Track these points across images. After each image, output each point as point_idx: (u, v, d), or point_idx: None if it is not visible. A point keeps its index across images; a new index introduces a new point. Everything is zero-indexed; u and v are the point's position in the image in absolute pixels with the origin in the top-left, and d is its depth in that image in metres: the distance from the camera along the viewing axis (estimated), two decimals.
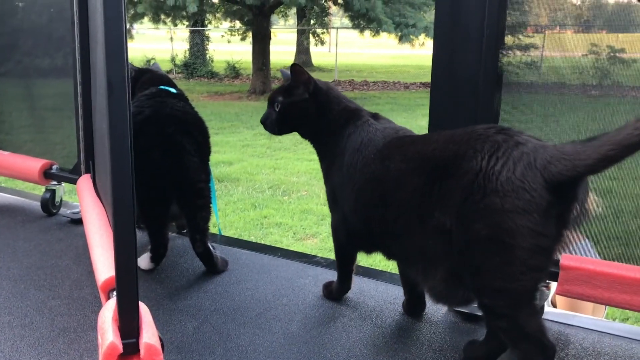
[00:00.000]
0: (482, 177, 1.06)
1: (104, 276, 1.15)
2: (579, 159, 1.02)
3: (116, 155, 0.93)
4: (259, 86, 14.63)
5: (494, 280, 1.07)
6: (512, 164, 1.05)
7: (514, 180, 1.04)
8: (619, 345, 1.36)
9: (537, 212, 1.03)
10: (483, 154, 1.08)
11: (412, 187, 1.18)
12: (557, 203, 1.04)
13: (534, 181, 1.03)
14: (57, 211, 2.25)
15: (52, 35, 2.32)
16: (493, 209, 1.04)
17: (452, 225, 1.10)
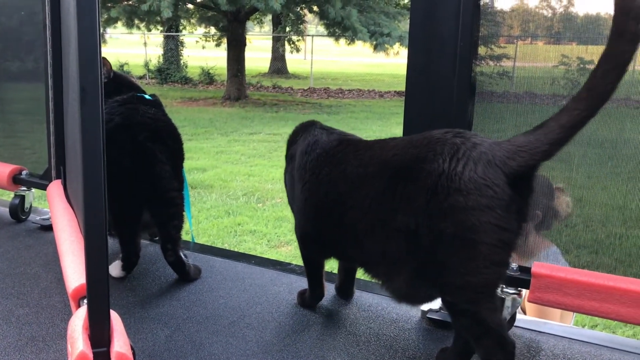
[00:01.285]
0: (444, 178, 1.10)
1: (74, 284, 1.13)
2: (533, 148, 1.08)
3: (88, 162, 0.92)
4: (233, 92, 14.59)
5: (457, 276, 1.11)
6: (473, 164, 1.09)
7: (477, 178, 1.08)
8: (588, 351, 1.38)
9: (499, 208, 1.07)
10: (444, 157, 1.12)
11: (372, 191, 1.21)
12: (517, 197, 1.09)
13: (495, 178, 1.08)
14: (26, 217, 2.21)
15: (23, 39, 2.28)
16: (457, 207, 1.08)
17: (417, 226, 1.13)
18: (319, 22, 16.28)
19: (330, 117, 12.12)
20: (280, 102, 14.47)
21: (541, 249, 1.54)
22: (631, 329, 3.57)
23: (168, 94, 15.21)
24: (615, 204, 1.37)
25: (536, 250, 1.55)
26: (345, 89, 17.37)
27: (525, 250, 1.52)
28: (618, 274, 1.32)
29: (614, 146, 1.37)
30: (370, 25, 13.72)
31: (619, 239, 1.38)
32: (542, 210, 1.47)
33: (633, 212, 1.36)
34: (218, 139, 9.58)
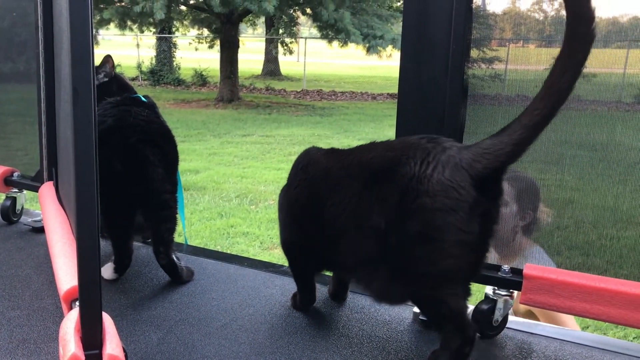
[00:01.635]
0: (415, 180, 1.16)
1: (66, 286, 1.13)
2: (497, 150, 1.13)
3: (81, 163, 0.91)
4: (226, 94, 14.58)
5: (419, 265, 1.18)
6: (442, 167, 1.14)
7: (444, 181, 1.13)
8: (579, 353, 1.39)
9: (463, 210, 1.12)
10: (415, 160, 1.18)
11: (351, 191, 1.26)
12: (484, 199, 1.14)
13: (462, 180, 1.13)
14: (17, 219, 2.20)
15: (15, 40, 2.27)
16: (424, 208, 1.14)
17: (387, 225, 1.18)
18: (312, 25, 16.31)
19: (323, 119, 12.13)
20: (273, 104, 14.47)
21: (526, 248, 1.57)
22: (622, 330, 3.59)
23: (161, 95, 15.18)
24: (607, 206, 1.38)
25: (521, 249, 1.57)
26: (338, 91, 17.40)
27: (512, 250, 1.54)
28: (609, 276, 1.33)
29: (605, 149, 1.38)
30: (363, 27, 13.76)
31: (610, 241, 1.39)
32: (534, 211, 1.49)
33: (624, 213, 1.37)
34: (211, 141, 9.57)
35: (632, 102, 1.40)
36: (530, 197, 1.48)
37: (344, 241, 1.29)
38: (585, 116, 1.43)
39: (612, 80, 1.41)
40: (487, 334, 1.44)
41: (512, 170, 1.48)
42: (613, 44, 1.42)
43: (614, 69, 1.40)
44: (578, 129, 1.41)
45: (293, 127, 11.03)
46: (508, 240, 1.56)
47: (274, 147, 9.02)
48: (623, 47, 1.39)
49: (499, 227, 1.26)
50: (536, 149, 1.42)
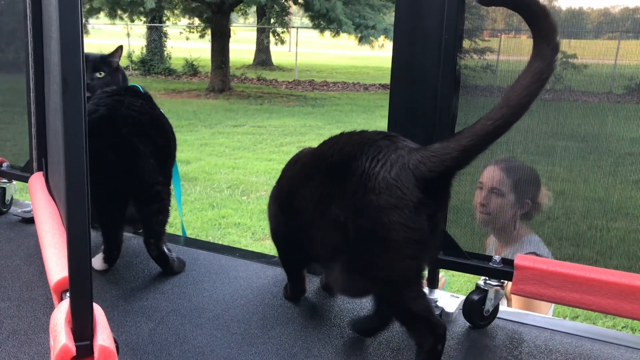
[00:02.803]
0: (364, 176, 1.18)
1: (56, 277, 1.12)
2: (444, 154, 1.14)
3: (70, 153, 0.91)
4: (217, 84, 14.52)
5: (378, 270, 1.20)
6: (389, 166, 1.16)
7: (389, 179, 1.15)
8: (569, 342, 1.40)
9: (407, 208, 1.14)
10: (367, 156, 1.20)
11: (315, 183, 1.29)
12: (429, 200, 1.15)
13: (406, 180, 1.15)
14: (7, 210, 2.19)
15: (3, 29, 2.25)
16: (371, 205, 1.16)
17: (346, 219, 1.20)
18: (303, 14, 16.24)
19: (315, 110, 12.11)
20: (265, 94, 14.42)
21: (523, 235, 1.58)
22: (611, 320, 3.63)
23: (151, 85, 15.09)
24: (597, 197, 1.39)
25: (519, 237, 1.59)
26: (330, 81, 17.37)
27: (510, 238, 1.56)
28: (599, 266, 1.34)
29: (596, 140, 1.39)
30: (355, 17, 13.72)
31: (600, 232, 1.39)
32: (531, 199, 1.50)
33: (614, 205, 1.38)
34: (202, 131, 9.54)
35: (622, 93, 1.41)
36: (528, 186, 1.49)
37: (313, 232, 1.32)
38: (577, 107, 1.44)
39: (603, 71, 1.41)
40: (478, 324, 1.45)
41: (510, 160, 1.49)
42: (604, 35, 1.42)
43: (605, 60, 1.41)
44: (569, 121, 1.42)
45: (285, 117, 11.01)
46: (507, 228, 1.58)
47: (266, 138, 9.00)
48: (614, 38, 1.40)
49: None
50: (528, 140, 1.43)
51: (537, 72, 1.08)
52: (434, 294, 1.54)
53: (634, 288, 1.24)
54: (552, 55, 1.08)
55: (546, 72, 1.08)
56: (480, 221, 1.61)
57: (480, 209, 1.61)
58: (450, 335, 1.42)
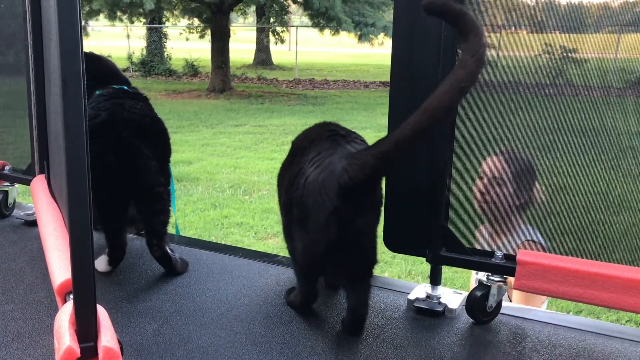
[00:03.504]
0: (300, 173, 1.30)
1: (60, 279, 1.12)
2: (363, 163, 1.18)
3: (71, 155, 0.91)
4: (218, 84, 14.53)
5: (297, 254, 1.36)
6: (320, 170, 1.25)
7: (316, 184, 1.24)
8: (573, 337, 1.40)
9: (323, 214, 1.23)
10: (309, 155, 1.31)
11: (286, 172, 1.41)
12: (348, 207, 1.22)
13: (329, 187, 1.21)
14: (10, 213, 2.19)
15: (3, 32, 2.25)
16: (299, 201, 1.28)
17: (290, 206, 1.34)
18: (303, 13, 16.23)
19: (316, 108, 12.11)
20: (266, 94, 14.43)
21: (518, 225, 1.61)
22: (615, 314, 3.63)
23: (152, 86, 15.10)
24: (599, 191, 1.39)
25: (514, 227, 1.60)
26: (331, 79, 17.37)
27: (505, 227, 1.58)
28: (602, 260, 1.34)
29: (597, 134, 1.39)
30: (354, 15, 13.72)
31: (602, 226, 1.39)
32: (530, 190, 1.51)
33: (616, 198, 1.38)
34: (203, 132, 9.54)
35: (623, 87, 1.40)
36: (527, 178, 1.50)
37: (282, 216, 1.45)
38: (577, 102, 1.44)
39: (603, 65, 1.41)
40: (481, 319, 1.45)
41: (510, 151, 1.50)
42: (604, 29, 1.42)
43: (605, 54, 1.41)
44: (570, 115, 1.42)
45: (286, 116, 11.01)
46: (505, 217, 1.58)
47: (267, 137, 9.00)
48: (614, 32, 1.39)
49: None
50: (529, 135, 1.43)
51: (457, 81, 1.12)
52: (436, 290, 1.54)
53: (637, 282, 1.24)
54: (475, 67, 1.12)
55: (467, 82, 1.12)
56: (479, 210, 1.62)
57: (480, 197, 1.63)
58: (454, 331, 1.42)
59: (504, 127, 1.44)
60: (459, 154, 1.46)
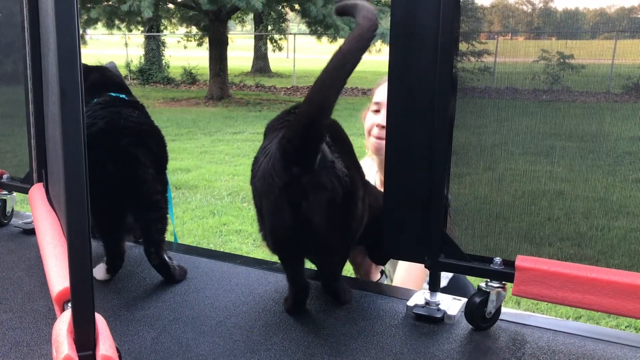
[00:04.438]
0: (256, 161, 1.43)
1: (58, 287, 1.12)
2: (291, 126, 1.31)
3: (69, 164, 0.91)
4: (216, 92, 14.55)
5: (269, 242, 1.46)
6: (269, 156, 1.35)
7: (265, 168, 1.34)
8: (572, 342, 1.40)
9: (274, 193, 1.32)
10: (263, 144, 1.46)
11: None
12: (296, 182, 1.31)
13: (275, 167, 1.31)
14: (8, 222, 2.19)
15: (1, 41, 2.25)
16: (256, 188, 1.42)
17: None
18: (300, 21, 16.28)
19: None
20: (264, 101, 14.45)
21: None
22: (614, 320, 3.63)
23: (150, 94, 15.12)
24: (597, 197, 1.39)
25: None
26: None
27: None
28: (600, 266, 1.34)
29: (594, 140, 1.39)
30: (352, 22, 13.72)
31: (601, 231, 1.39)
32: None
33: (614, 204, 1.38)
34: (202, 139, 9.55)
35: (620, 92, 1.41)
36: None
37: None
38: (575, 107, 1.44)
39: (600, 71, 1.42)
40: (480, 326, 1.45)
41: None
42: (601, 35, 1.43)
43: (602, 60, 1.41)
44: (567, 121, 1.42)
45: None
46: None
47: None
48: (611, 38, 1.40)
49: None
50: (527, 141, 1.43)
51: (357, 35, 1.28)
52: (435, 296, 1.54)
53: (636, 287, 1.24)
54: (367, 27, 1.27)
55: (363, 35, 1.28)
56: (374, 149, 1.64)
57: (378, 133, 1.63)
58: (453, 337, 1.42)
59: (501, 133, 1.45)
60: (457, 160, 1.46)
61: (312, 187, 1.31)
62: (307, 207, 1.31)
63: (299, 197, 1.30)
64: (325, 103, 1.27)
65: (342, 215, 1.40)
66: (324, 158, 1.34)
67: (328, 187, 1.34)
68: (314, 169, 1.31)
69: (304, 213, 1.31)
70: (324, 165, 1.34)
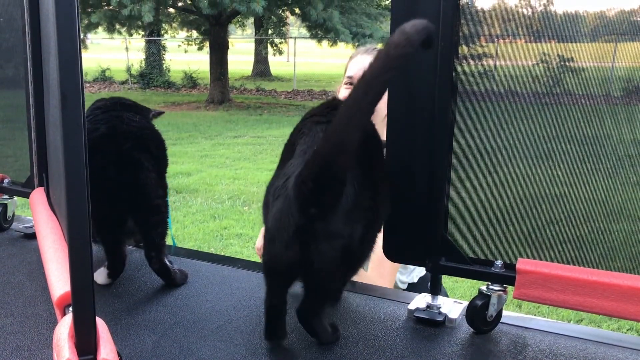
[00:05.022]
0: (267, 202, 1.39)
1: (59, 292, 1.12)
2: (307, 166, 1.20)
3: (71, 168, 0.91)
4: (217, 96, 14.57)
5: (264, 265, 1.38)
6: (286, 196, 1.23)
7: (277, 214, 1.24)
8: (574, 346, 1.40)
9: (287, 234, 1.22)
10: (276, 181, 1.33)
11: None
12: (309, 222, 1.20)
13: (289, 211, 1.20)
14: (9, 226, 2.19)
15: (2, 46, 2.26)
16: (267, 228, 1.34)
17: None
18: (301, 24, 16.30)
19: None
20: (264, 105, 14.47)
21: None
22: (616, 323, 3.62)
23: (151, 98, 15.13)
24: (598, 200, 1.39)
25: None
26: (329, 90, 17.38)
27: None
28: (601, 269, 1.34)
29: (595, 143, 1.39)
30: (352, 26, 13.78)
31: (602, 234, 1.39)
32: None
33: (615, 206, 1.38)
34: (202, 143, 9.55)
35: (620, 95, 1.41)
36: None
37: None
38: (575, 110, 1.44)
39: (600, 74, 1.42)
40: (481, 329, 1.44)
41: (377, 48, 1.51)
42: (601, 38, 1.43)
43: (602, 63, 1.41)
44: (568, 124, 1.42)
45: (284, 127, 11.02)
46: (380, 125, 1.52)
47: (266, 148, 9.01)
48: (611, 41, 1.40)
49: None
50: (527, 144, 1.43)
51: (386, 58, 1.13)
52: (437, 300, 1.54)
53: (637, 290, 1.24)
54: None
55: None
56: None
57: None
58: (454, 341, 1.41)
59: (502, 136, 1.45)
60: (458, 163, 1.46)
61: (325, 235, 1.19)
62: (315, 251, 1.20)
63: (309, 240, 1.19)
64: (345, 141, 1.10)
65: (351, 261, 1.31)
66: (348, 198, 1.20)
67: (344, 235, 1.22)
68: (334, 212, 1.19)
69: (310, 255, 1.21)
70: (346, 207, 1.20)
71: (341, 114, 1.10)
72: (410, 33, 1.10)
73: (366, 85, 1.07)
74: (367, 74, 1.07)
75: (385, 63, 1.08)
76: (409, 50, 1.09)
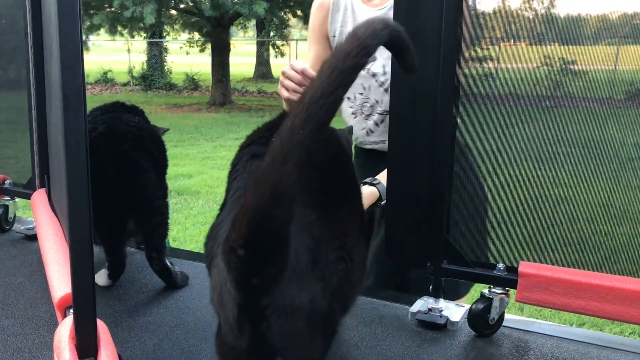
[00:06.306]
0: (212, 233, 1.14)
1: (60, 293, 1.12)
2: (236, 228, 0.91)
3: (72, 169, 0.91)
4: (218, 98, 14.59)
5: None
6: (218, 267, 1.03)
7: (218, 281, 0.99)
8: (576, 349, 1.39)
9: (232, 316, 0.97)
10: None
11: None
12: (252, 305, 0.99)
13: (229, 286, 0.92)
14: (10, 227, 2.19)
15: (4, 47, 2.26)
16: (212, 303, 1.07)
17: None
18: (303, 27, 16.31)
19: None
20: (266, 107, 14.48)
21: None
22: (618, 326, 3.61)
23: (153, 100, 15.16)
24: (600, 202, 1.39)
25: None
26: None
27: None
28: (604, 272, 1.33)
29: (598, 146, 1.39)
30: None
31: (604, 237, 1.39)
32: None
33: (617, 209, 1.38)
34: (204, 145, 9.56)
35: (623, 98, 1.41)
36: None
37: None
38: (577, 113, 1.44)
39: (602, 77, 1.42)
40: (483, 332, 1.44)
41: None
42: (603, 41, 1.43)
43: (605, 66, 1.41)
44: (570, 127, 1.42)
45: None
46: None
47: None
48: (613, 43, 1.40)
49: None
50: (530, 147, 1.43)
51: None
52: (438, 303, 1.53)
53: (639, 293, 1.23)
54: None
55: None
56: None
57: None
58: (456, 344, 1.41)
59: (504, 139, 1.45)
60: (460, 165, 1.46)
61: (276, 311, 0.89)
62: (270, 332, 0.91)
63: (259, 319, 0.89)
64: (281, 186, 0.77)
65: (329, 318, 1.01)
66: (301, 256, 0.90)
67: (302, 304, 0.90)
68: (280, 280, 0.87)
69: (268, 337, 0.92)
70: (300, 269, 0.90)
71: (274, 150, 0.78)
72: (363, 37, 0.80)
73: (307, 110, 0.77)
74: (308, 95, 0.78)
75: (330, 81, 0.78)
76: (362, 62, 0.80)
